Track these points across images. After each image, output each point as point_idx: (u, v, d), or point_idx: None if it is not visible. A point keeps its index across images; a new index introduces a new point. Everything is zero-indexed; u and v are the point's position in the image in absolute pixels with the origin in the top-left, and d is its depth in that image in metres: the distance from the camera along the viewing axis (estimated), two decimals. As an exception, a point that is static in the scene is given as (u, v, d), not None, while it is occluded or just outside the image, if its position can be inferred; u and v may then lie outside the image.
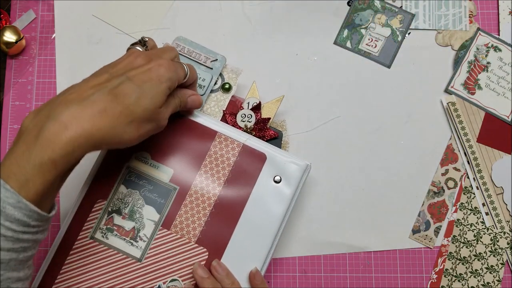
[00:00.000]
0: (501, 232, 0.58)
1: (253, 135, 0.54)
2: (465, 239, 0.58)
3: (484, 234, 0.58)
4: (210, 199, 0.50)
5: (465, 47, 0.61)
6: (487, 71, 0.60)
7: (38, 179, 0.37)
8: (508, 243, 0.57)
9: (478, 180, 0.58)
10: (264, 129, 0.56)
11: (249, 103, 0.57)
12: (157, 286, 0.49)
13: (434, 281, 0.57)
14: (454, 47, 0.61)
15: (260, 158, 0.51)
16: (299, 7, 0.62)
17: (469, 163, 0.59)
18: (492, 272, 0.57)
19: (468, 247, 0.57)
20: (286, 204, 0.51)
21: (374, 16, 0.62)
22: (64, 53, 0.62)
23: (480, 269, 0.57)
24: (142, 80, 0.42)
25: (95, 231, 0.50)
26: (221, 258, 0.50)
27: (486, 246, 0.57)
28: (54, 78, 0.61)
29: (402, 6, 0.62)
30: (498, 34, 0.61)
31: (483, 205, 0.58)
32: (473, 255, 0.57)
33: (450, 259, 0.57)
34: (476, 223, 0.58)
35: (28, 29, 0.62)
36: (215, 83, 0.58)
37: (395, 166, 0.59)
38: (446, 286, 0.57)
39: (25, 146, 0.38)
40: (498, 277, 0.57)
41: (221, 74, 0.58)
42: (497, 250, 0.57)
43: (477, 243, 0.57)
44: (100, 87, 0.42)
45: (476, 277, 0.57)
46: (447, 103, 0.60)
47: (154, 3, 0.62)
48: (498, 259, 0.57)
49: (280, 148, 0.56)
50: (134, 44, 0.49)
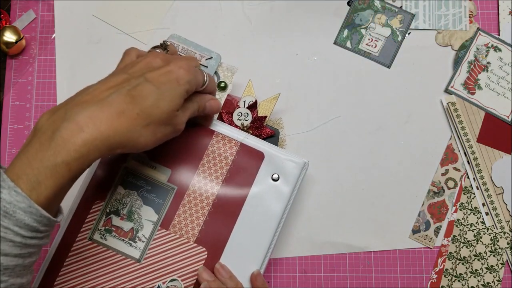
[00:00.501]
0: (501, 232, 0.58)
1: (250, 134, 0.54)
2: (465, 239, 0.58)
3: (484, 234, 0.58)
4: (209, 199, 0.50)
5: (465, 47, 0.61)
6: (487, 71, 0.60)
7: (50, 182, 0.36)
8: (508, 243, 0.57)
9: (478, 180, 0.58)
10: (261, 127, 0.56)
11: (245, 102, 0.57)
12: (156, 286, 0.49)
13: (434, 281, 0.57)
14: (454, 47, 0.61)
15: (258, 157, 0.51)
16: (299, 7, 0.62)
17: (469, 163, 0.59)
18: (492, 272, 0.57)
19: (468, 247, 0.57)
20: (284, 202, 0.51)
21: (374, 16, 0.62)
22: (64, 53, 0.62)
23: (480, 269, 0.57)
24: (160, 81, 0.42)
25: (94, 232, 0.50)
26: (220, 257, 0.50)
27: (486, 246, 0.57)
28: (54, 78, 0.61)
29: (402, 6, 0.62)
30: (498, 34, 0.61)
31: (483, 205, 0.58)
32: (473, 255, 0.57)
33: (450, 259, 0.57)
34: (476, 223, 0.58)
35: (28, 29, 0.62)
36: None
37: (395, 166, 0.59)
38: (446, 286, 0.57)
39: (39, 146, 0.37)
40: (498, 277, 0.57)
41: (216, 73, 0.58)
42: (497, 250, 0.57)
43: (477, 243, 0.57)
44: (117, 88, 0.41)
45: (476, 277, 0.57)
46: (447, 103, 0.60)
47: (154, 3, 0.62)
48: (498, 259, 0.57)
49: (277, 146, 0.56)
50: (155, 47, 0.48)
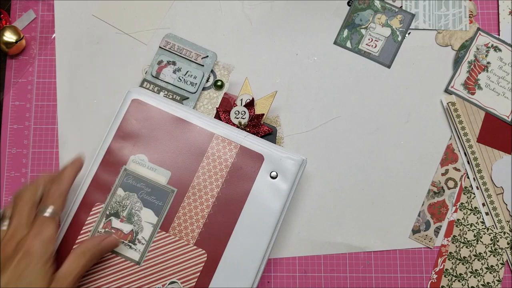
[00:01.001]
0: (501, 232, 0.58)
1: (247, 132, 0.54)
2: (465, 239, 0.58)
3: (484, 234, 0.58)
4: (208, 201, 0.50)
5: (465, 47, 0.61)
6: (487, 71, 0.60)
7: None
8: (508, 243, 0.57)
9: (478, 180, 0.58)
10: (258, 125, 0.56)
11: (242, 100, 0.57)
12: None
13: (434, 281, 0.57)
14: (454, 47, 0.61)
15: (257, 159, 0.52)
16: (299, 7, 0.62)
17: (469, 163, 0.59)
18: (492, 272, 0.57)
19: (468, 247, 0.57)
20: (283, 199, 0.51)
21: (374, 16, 0.62)
22: (64, 53, 0.62)
23: (480, 269, 0.57)
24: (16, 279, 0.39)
25: (93, 234, 0.50)
26: (220, 258, 0.50)
27: (486, 246, 0.57)
28: (54, 78, 0.61)
29: (402, 6, 0.62)
30: (498, 34, 0.61)
31: (483, 205, 0.58)
32: (473, 255, 0.57)
33: (450, 259, 0.57)
34: (476, 223, 0.58)
35: (28, 29, 0.62)
36: (207, 80, 0.58)
37: (395, 166, 0.59)
38: (446, 286, 0.57)
39: None
40: (498, 277, 0.57)
41: (213, 71, 0.58)
42: (497, 250, 0.57)
43: (477, 243, 0.57)
44: None
45: (476, 277, 0.57)
46: (447, 103, 0.60)
47: (154, 3, 0.62)
48: (498, 259, 0.57)
49: (274, 143, 0.56)
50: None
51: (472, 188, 0.58)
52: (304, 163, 0.52)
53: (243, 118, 0.56)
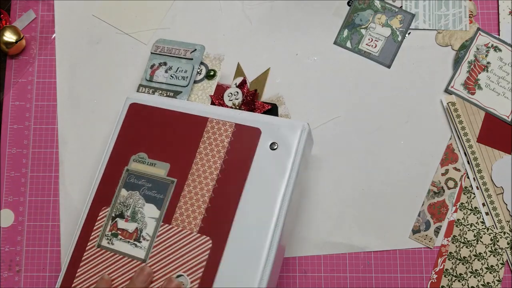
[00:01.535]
0: (501, 232, 0.58)
1: (241, 110, 0.54)
2: (465, 239, 0.58)
3: (484, 234, 0.58)
4: (208, 185, 0.50)
5: (465, 47, 0.61)
6: (487, 71, 0.60)
7: None
8: (508, 243, 0.57)
9: (478, 180, 0.58)
10: (252, 102, 0.56)
11: (236, 83, 0.57)
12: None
13: (434, 281, 0.57)
14: (454, 47, 0.61)
15: (254, 134, 0.50)
16: (299, 7, 0.62)
17: (469, 163, 0.59)
18: (492, 272, 0.57)
19: (468, 247, 0.57)
20: (286, 170, 0.48)
21: (374, 16, 0.62)
22: (64, 53, 0.62)
23: (480, 269, 0.57)
24: None
25: (101, 239, 0.50)
26: (225, 244, 0.48)
27: (486, 246, 0.57)
28: (54, 78, 0.61)
29: (402, 6, 0.62)
30: (498, 34, 0.61)
31: (483, 205, 0.58)
32: (473, 255, 0.57)
33: (450, 259, 0.57)
34: (476, 223, 0.58)
35: (28, 29, 0.62)
36: (199, 73, 0.58)
37: (395, 166, 0.59)
38: (446, 286, 0.57)
39: None
40: (498, 277, 0.57)
41: (204, 64, 0.58)
42: (497, 250, 0.57)
43: (477, 243, 0.57)
44: None
45: (476, 277, 0.57)
46: (447, 103, 0.60)
47: (154, 3, 0.62)
48: (498, 259, 0.57)
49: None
50: None
51: (472, 188, 0.58)
52: (305, 129, 0.49)
53: (237, 99, 0.56)
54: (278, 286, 0.57)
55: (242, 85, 0.56)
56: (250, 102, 0.56)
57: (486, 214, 0.58)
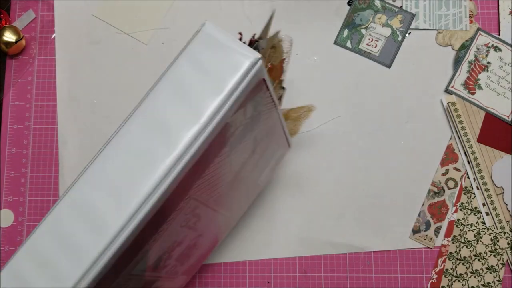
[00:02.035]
0: (501, 232, 0.58)
1: None
2: (465, 239, 0.57)
3: (484, 234, 0.58)
4: None
5: (465, 47, 0.61)
6: (488, 71, 0.60)
7: None
8: (508, 243, 0.57)
9: (478, 180, 0.58)
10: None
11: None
12: None
13: (434, 281, 0.57)
14: (454, 47, 0.61)
15: None
16: (299, 7, 0.62)
17: (469, 163, 0.59)
18: (492, 272, 0.57)
19: (468, 247, 0.57)
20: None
21: (374, 16, 0.62)
22: (64, 53, 0.62)
23: (480, 269, 0.57)
24: None
25: None
26: None
27: (486, 246, 0.57)
28: (54, 78, 0.61)
29: (402, 6, 0.62)
30: (499, 34, 0.61)
31: (483, 205, 0.58)
32: (473, 255, 0.57)
33: (450, 259, 0.57)
34: (476, 223, 0.58)
35: (28, 29, 0.62)
36: None
37: (395, 166, 0.59)
38: (446, 286, 0.57)
39: None
40: (498, 277, 0.57)
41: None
42: (497, 250, 0.57)
43: (477, 243, 0.57)
44: None
45: (476, 277, 0.57)
46: (447, 103, 0.59)
47: (154, 3, 0.62)
48: (498, 259, 0.57)
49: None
50: None
51: (472, 188, 0.58)
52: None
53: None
54: (278, 286, 0.57)
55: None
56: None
57: (486, 214, 0.58)
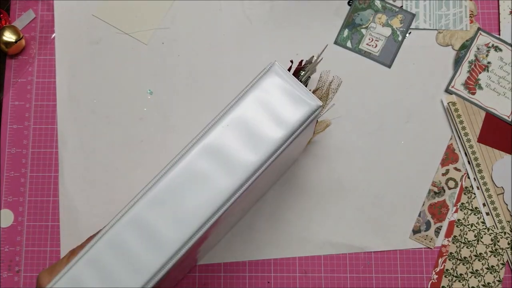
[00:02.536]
0: (501, 232, 0.57)
1: None
2: (465, 239, 0.57)
3: (484, 234, 0.57)
4: None
5: (465, 47, 0.61)
6: (488, 71, 0.60)
7: None
8: (508, 243, 0.57)
9: (478, 180, 0.58)
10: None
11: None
12: None
13: (434, 281, 0.57)
14: (454, 47, 0.61)
15: None
16: (299, 7, 0.62)
17: (469, 163, 0.59)
18: (492, 272, 0.57)
19: (468, 247, 0.57)
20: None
21: (374, 16, 0.61)
22: (64, 53, 0.62)
23: (480, 269, 0.57)
24: None
25: None
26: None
27: (486, 247, 0.57)
28: (54, 78, 0.61)
29: (402, 6, 0.62)
30: (499, 34, 0.61)
31: (484, 205, 0.58)
32: (473, 255, 0.57)
33: (451, 259, 0.57)
34: (476, 223, 0.58)
35: (27, 29, 0.62)
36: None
37: (395, 166, 0.59)
38: (447, 286, 0.57)
39: None
40: (499, 277, 0.57)
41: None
42: (497, 250, 0.57)
43: (477, 243, 0.57)
44: None
45: (476, 277, 0.57)
46: (448, 103, 0.59)
47: (154, 3, 0.62)
48: (498, 259, 0.57)
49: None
50: None
51: (472, 188, 0.58)
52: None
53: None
54: (278, 286, 0.57)
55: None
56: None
57: (487, 214, 0.58)
